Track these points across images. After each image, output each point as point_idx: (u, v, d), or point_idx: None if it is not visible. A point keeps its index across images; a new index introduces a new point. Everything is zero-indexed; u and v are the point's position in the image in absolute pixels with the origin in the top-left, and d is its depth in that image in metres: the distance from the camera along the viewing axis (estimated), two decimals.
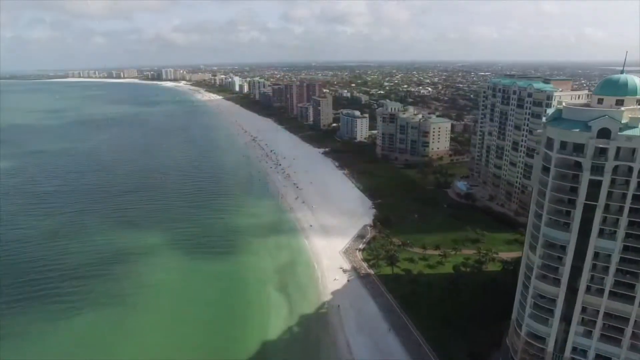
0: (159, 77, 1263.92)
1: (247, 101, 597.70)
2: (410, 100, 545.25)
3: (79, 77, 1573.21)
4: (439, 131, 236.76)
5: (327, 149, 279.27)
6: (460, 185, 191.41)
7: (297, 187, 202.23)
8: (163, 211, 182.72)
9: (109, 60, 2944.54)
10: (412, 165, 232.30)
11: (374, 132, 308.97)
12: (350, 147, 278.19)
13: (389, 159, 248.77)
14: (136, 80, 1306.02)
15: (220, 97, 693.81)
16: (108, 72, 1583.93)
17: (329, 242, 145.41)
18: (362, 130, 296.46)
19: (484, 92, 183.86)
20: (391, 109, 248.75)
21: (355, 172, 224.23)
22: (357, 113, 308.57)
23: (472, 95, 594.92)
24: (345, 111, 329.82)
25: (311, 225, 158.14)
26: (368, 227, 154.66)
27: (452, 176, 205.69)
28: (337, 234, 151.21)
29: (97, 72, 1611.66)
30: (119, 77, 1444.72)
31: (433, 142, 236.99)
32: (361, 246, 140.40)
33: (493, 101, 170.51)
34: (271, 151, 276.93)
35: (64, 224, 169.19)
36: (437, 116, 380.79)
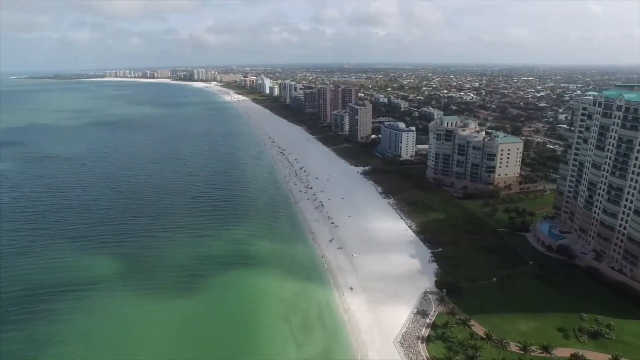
0: (190, 78, 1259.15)
1: (277, 105, 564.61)
2: (454, 107, 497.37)
3: (116, 76, 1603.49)
4: (508, 153, 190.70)
5: (366, 168, 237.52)
6: (545, 228, 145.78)
7: (333, 222, 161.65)
8: (164, 241, 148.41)
9: (145, 61, 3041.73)
10: (474, 195, 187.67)
11: (421, 146, 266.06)
12: (394, 167, 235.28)
13: (443, 184, 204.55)
14: (168, 81, 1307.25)
15: (249, 99, 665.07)
16: (143, 72, 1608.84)
17: (376, 318, 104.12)
18: (408, 146, 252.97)
19: (585, 107, 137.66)
20: (447, 124, 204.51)
21: (404, 203, 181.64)
22: (402, 125, 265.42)
23: (521, 103, 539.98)
24: (387, 122, 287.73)
25: (352, 288, 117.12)
26: (430, 296, 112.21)
27: (531, 216, 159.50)
28: (387, 304, 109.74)
29: (132, 72, 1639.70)
30: (153, 77, 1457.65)
31: (500, 166, 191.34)
32: (424, 332, 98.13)
33: (604, 122, 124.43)
34: (301, 168, 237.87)
35: (30, 267, 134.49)
36: (489, 128, 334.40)
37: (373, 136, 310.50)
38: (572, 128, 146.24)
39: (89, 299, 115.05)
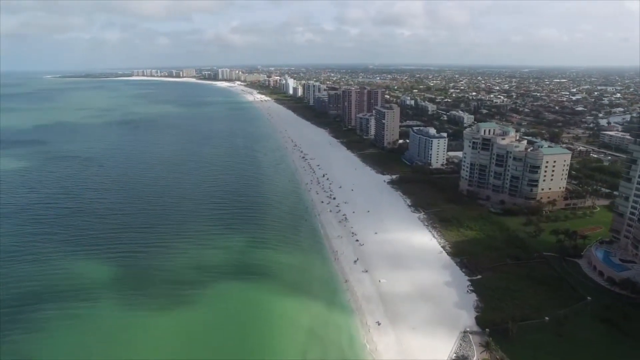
0: (215, 77, 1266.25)
1: (300, 106, 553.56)
2: (485, 110, 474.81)
3: (143, 75, 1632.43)
4: (554, 166, 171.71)
5: (393, 177, 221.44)
6: (601, 255, 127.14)
7: (357, 240, 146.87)
8: (176, 253, 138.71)
9: (172, 60, 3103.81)
10: (513, 212, 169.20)
11: (452, 154, 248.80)
12: (423, 176, 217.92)
13: (477, 198, 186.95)
14: (193, 80, 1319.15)
15: (272, 100, 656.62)
16: (169, 71, 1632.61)
17: None
18: (439, 153, 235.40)
19: None
20: (484, 131, 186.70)
21: (436, 218, 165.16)
22: (432, 130, 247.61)
23: (556, 107, 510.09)
24: (415, 127, 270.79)
25: (379, 323, 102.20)
26: (470, 337, 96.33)
27: (583, 239, 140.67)
28: (420, 344, 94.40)
29: (159, 71, 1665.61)
30: (178, 77, 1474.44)
31: (544, 180, 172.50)
32: None
33: None
34: (324, 176, 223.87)
35: (31, 275, 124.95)
36: (525, 134, 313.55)
37: (400, 141, 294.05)
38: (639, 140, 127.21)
39: (86, 314, 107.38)
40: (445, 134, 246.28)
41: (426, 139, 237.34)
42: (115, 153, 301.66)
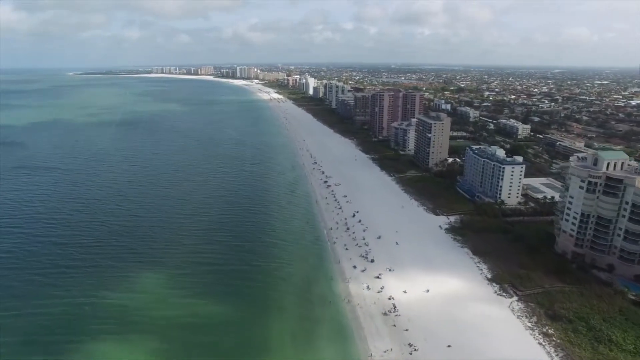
0: (233, 75, 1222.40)
1: (321, 109, 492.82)
2: (536, 118, 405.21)
3: (161, 72, 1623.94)
4: None
5: (451, 219, 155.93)
6: None
7: (410, 343, 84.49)
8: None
9: (193, 58, 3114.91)
10: None
11: (526, 182, 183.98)
12: (494, 221, 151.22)
13: (593, 266, 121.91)
14: (211, 78, 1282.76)
15: (290, 101, 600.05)
16: (187, 68, 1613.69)
17: None
18: (513, 186, 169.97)
19: None
20: (608, 165, 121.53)
21: (541, 310, 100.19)
22: (500, 152, 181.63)
23: (620, 114, 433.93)
24: (474, 146, 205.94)
25: None
26: None
27: None
28: None
29: (177, 69, 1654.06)
30: (196, 74, 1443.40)
31: None
32: None
33: None
34: (354, 215, 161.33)
35: None
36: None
37: (449, 159, 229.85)
38: None
39: None
40: (521, 159, 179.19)
41: (494, 165, 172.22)
42: (99, 165, 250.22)
